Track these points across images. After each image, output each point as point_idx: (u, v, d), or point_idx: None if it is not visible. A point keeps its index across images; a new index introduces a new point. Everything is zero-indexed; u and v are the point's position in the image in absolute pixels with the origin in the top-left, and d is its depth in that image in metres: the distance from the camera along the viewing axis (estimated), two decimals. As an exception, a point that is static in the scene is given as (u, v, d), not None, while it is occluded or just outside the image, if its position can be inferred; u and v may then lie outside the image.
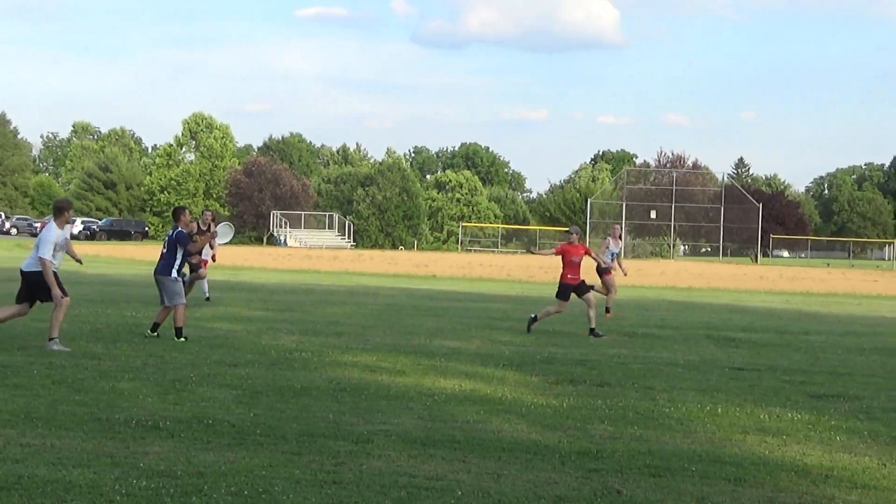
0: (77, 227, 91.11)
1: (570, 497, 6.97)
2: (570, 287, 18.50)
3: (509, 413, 10.09)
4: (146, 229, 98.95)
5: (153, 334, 15.06)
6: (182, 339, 14.72)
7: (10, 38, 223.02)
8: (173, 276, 14.93)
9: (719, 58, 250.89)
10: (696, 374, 13.48)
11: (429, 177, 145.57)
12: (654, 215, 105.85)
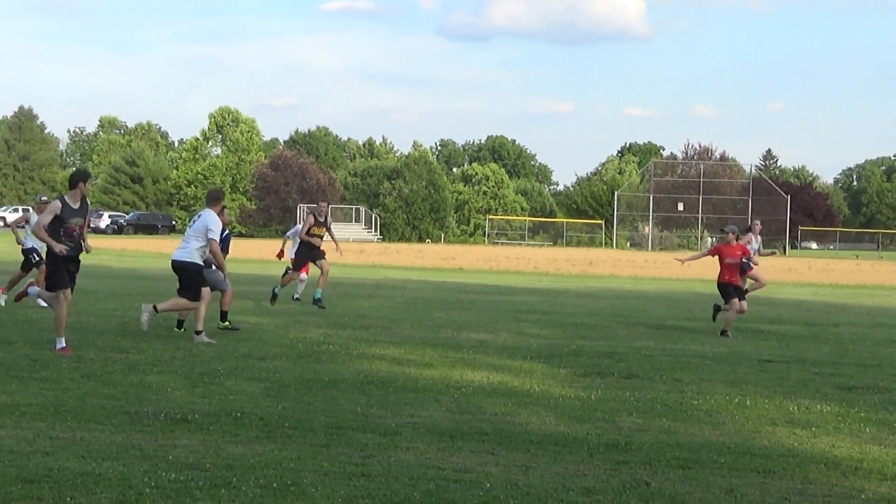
0: (104, 221, 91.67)
1: (598, 489, 6.95)
2: (730, 286, 17.85)
3: (537, 405, 10.08)
4: (173, 223, 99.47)
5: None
6: (226, 324, 15.11)
7: (37, 33, 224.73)
8: (213, 267, 14.99)
9: (746, 49, 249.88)
10: (725, 367, 13.43)
11: (455, 170, 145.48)
12: (681, 207, 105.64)
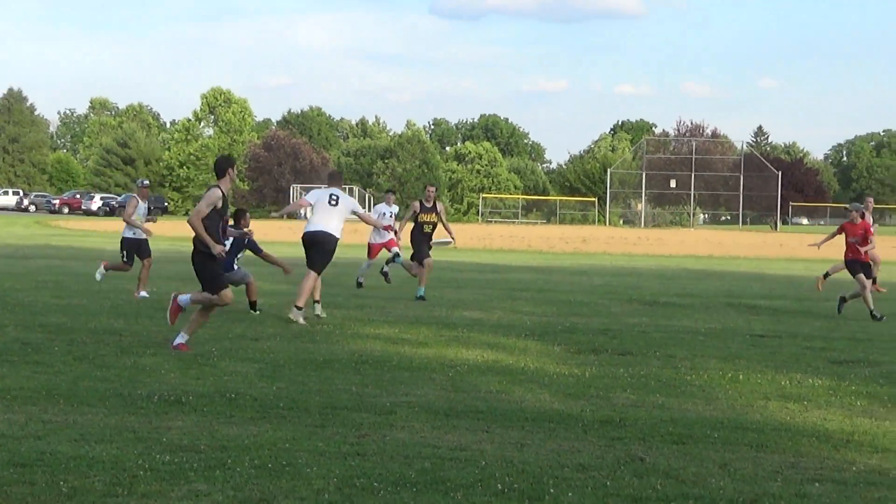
0: (96, 203, 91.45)
1: (593, 465, 6.97)
2: (856, 263, 17.82)
3: (532, 383, 10.10)
4: (165, 205, 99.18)
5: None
6: (257, 312, 15.28)
7: (27, 14, 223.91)
8: (235, 267, 15.27)
9: (739, 26, 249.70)
10: (718, 342, 13.46)
11: (448, 149, 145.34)
12: (673, 184, 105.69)
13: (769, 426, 8.32)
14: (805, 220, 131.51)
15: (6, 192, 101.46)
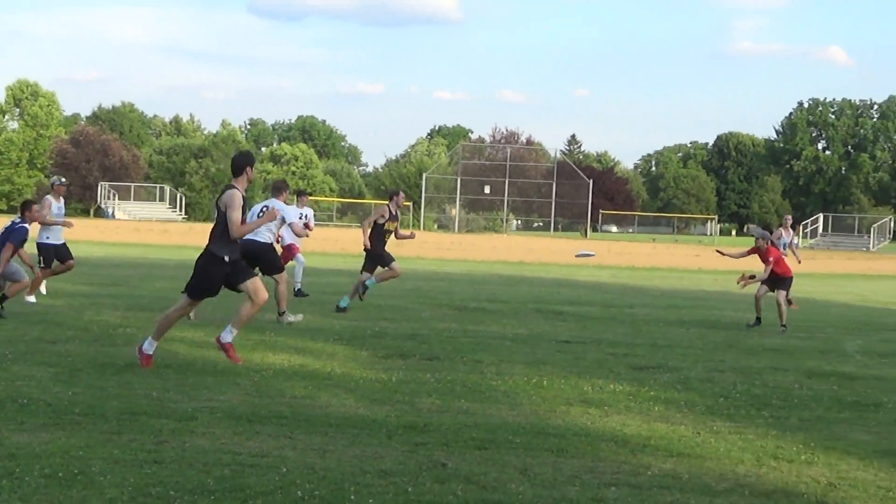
0: None
1: (395, 471, 6.96)
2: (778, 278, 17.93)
3: (338, 388, 10.04)
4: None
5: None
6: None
7: None
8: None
9: (555, 35, 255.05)
10: (524, 348, 13.65)
11: (264, 149, 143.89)
12: (487, 190, 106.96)
13: (570, 431, 8.46)
14: (614, 228, 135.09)
15: None
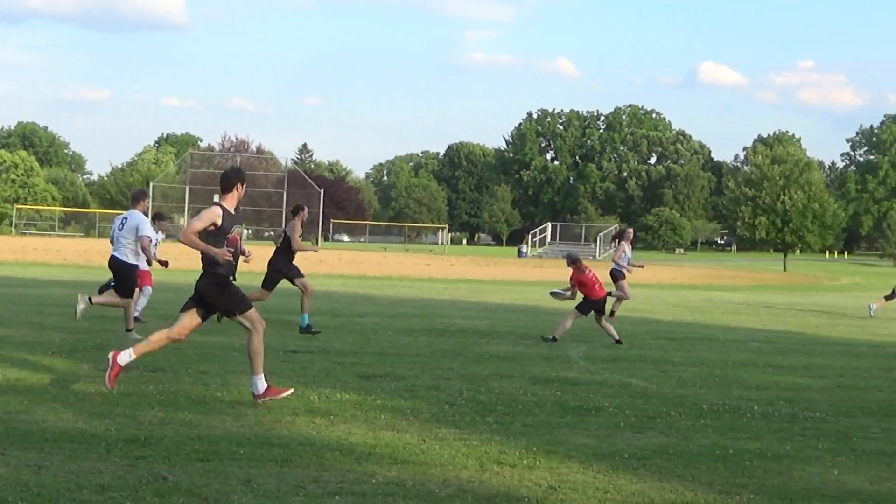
0: None
1: (114, 486, 6.81)
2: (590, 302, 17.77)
3: (56, 402, 9.73)
4: None
5: None
6: None
7: None
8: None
9: (286, 43, 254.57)
10: (251, 358, 13.55)
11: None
12: (217, 199, 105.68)
13: (295, 441, 8.48)
14: (346, 238, 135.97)
15: None
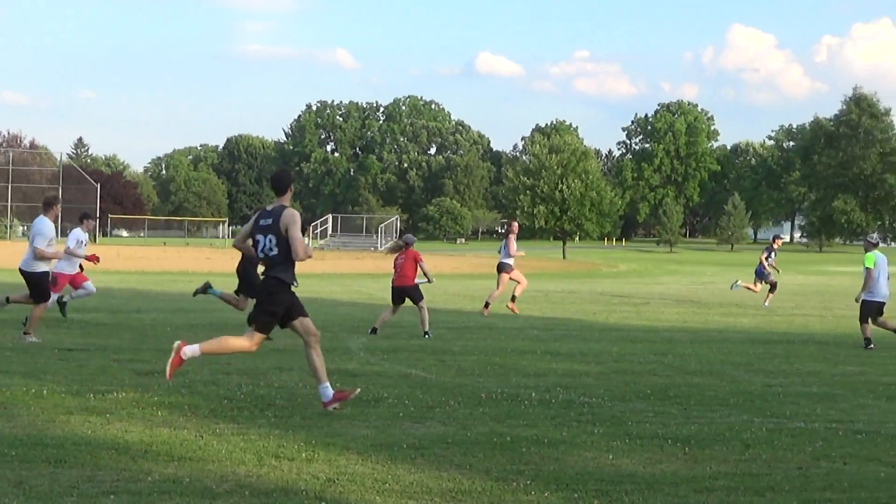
0: None
1: None
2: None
3: None
4: None
5: None
6: None
7: None
8: None
9: (57, 35, 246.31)
10: (25, 357, 13.25)
11: None
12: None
13: (69, 441, 8.35)
14: (125, 233, 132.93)
15: None
